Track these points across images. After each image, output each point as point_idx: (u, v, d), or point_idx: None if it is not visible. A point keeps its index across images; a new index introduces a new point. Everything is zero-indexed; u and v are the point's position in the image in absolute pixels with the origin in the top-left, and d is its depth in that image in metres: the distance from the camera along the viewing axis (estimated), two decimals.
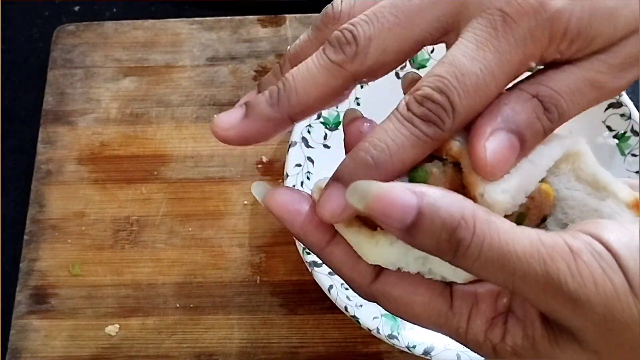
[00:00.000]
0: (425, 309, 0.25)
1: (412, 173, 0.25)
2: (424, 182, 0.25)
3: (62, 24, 0.64)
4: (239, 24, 0.63)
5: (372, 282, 0.26)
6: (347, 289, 0.50)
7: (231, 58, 0.62)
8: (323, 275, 0.50)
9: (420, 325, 0.26)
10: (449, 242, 0.22)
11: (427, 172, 0.25)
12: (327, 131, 0.55)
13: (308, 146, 0.54)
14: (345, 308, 0.49)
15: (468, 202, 0.22)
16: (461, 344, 0.26)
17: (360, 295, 0.27)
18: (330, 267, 0.27)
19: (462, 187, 0.25)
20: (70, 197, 0.58)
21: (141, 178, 0.58)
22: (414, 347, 0.49)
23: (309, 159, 0.53)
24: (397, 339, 0.49)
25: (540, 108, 0.24)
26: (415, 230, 0.22)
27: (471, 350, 0.26)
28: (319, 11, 0.66)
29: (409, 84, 0.28)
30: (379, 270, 0.26)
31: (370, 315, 0.49)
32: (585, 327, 0.22)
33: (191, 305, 0.55)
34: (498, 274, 0.22)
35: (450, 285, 0.25)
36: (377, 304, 0.26)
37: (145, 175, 0.58)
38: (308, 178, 0.53)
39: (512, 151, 0.24)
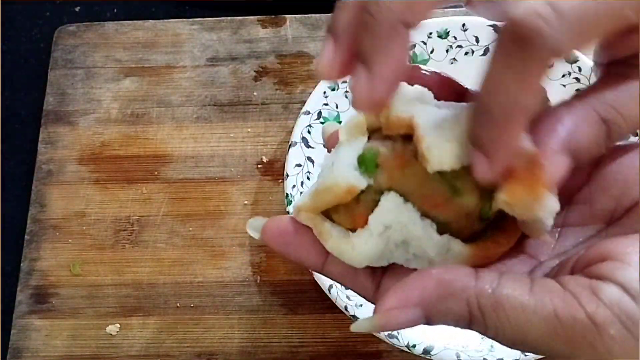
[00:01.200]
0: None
1: (360, 155, 0.24)
2: (373, 162, 0.24)
3: (63, 25, 0.64)
4: (240, 24, 0.63)
5: (374, 292, 0.26)
6: (347, 288, 0.50)
7: (231, 58, 0.62)
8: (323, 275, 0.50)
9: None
10: (469, 328, 0.22)
11: (374, 152, 0.24)
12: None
13: (308, 146, 0.54)
14: (345, 308, 0.49)
15: (469, 286, 0.21)
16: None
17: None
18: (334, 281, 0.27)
19: (414, 158, 0.23)
20: (71, 197, 0.58)
21: (142, 178, 0.58)
22: (414, 346, 0.49)
23: (309, 159, 0.53)
24: (396, 338, 0.49)
25: (604, 133, 0.23)
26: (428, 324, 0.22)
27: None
28: (319, 11, 0.66)
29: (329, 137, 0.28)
30: (378, 279, 0.26)
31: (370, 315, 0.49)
32: None
33: (192, 305, 0.55)
34: (523, 350, 0.22)
35: None
36: None
37: (145, 175, 0.58)
38: (308, 178, 0.53)
39: (567, 173, 0.22)
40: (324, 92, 0.55)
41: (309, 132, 0.54)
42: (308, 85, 0.60)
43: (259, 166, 0.58)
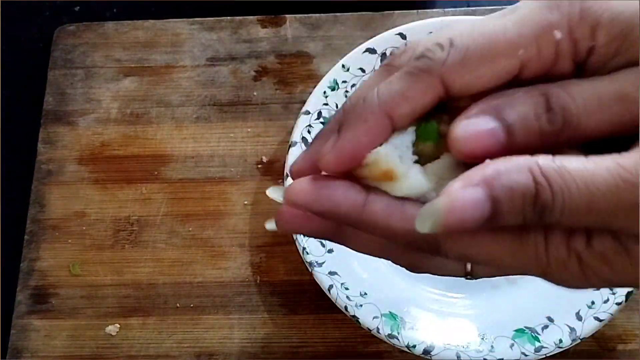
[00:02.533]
0: (495, 238, 0.22)
1: (419, 129, 0.23)
2: (434, 136, 0.23)
3: (62, 24, 0.64)
4: (239, 24, 0.63)
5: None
6: (347, 288, 0.50)
7: (231, 58, 0.62)
8: (323, 275, 0.50)
9: (493, 265, 0.23)
10: (533, 212, 0.20)
11: (433, 127, 0.23)
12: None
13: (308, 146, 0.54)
14: (345, 308, 0.49)
15: (530, 161, 0.20)
16: (541, 275, 0.23)
17: (418, 248, 0.24)
18: (373, 231, 0.23)
19: None
20: (70, 197, 0.58)
21: (141, 178, 0.58)
22: (414, 346, 0.49)
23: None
24: (397, 338, 0.49)
25: (542, 106, 0.22)
26: (498, 217, 0.20)
27: (552, 280, 0.23)
28: (319, 11, 0.66)
29: None
30: None
31: (370, 315, 0.49)
32: None
33: (191, 305, 0.55)
34: (590, 217, 0.20)
35: None
36: (440, 250, 0.23)
37: (145, 175, 0.58)
38: None
39: (491, 139, 0.21)
40: (324, 92, 0.55)
41: (309, 132, 0.54)
42: (308, 85, 0.60)
43: (259, 166, 0.58)
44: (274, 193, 0.26)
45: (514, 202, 0.20)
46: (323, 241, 0.51)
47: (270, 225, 0.26)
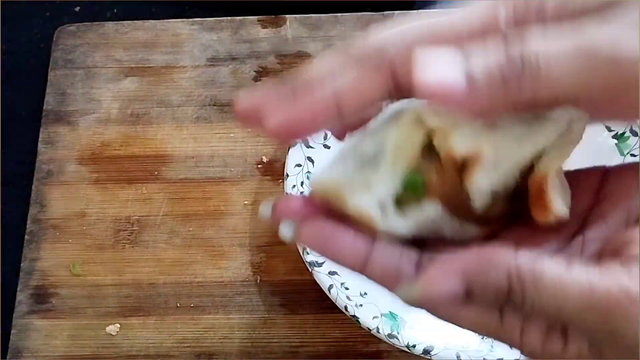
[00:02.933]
0: (475, 321, 0.24)
1: (406, 178, 0.24)
2: (419, 188, 0.24)
3: (63, 25, 0.64)
4: (240, 24, 0.63)
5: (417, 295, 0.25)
6: (347, 288, 0.50)
7: (231, 58, 0.62)
8: (323, 275, 0.50)
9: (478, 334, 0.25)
10: (506, 305, 0.22)
11: (420, 180, 0.24)
12: (327, 131, 0.55)
13: (308, 146, 0.54)
14: (345, 308, 0.49)
15: (510, 262, 0.22)
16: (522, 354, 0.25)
17: None
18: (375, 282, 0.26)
19: (460, 186, 0.24)
20: (71, 197, 0.58)
21: (142, 178, 0.58)
22: (414, 346, 0.49)
23: (309, 159, 0.53)
24: (397, 338, 0.49)
25: (507, 57, 0.21)
26: (470, 302, 0.22)
27: None
28: (319, 11, 0.66)
29: None
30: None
31: (370, 315, 0.50)
32: None
33: (192, 305, 0.55)
34: (558, 322, 0.22)
35: None
36: (427, 311, 0.25)
37: (146, 175, 0.58)
38: (308, 178, 0.53)
39: (453, 87, 0.21)
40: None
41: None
42: None
43: (259, 166, 0.58)
44: (284, 230, 0.26)
45: (487, 297, 0.22)
46: None
47: (265, 209, 0.27)
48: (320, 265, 0.50)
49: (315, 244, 0.25)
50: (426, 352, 0.49)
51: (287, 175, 0.53)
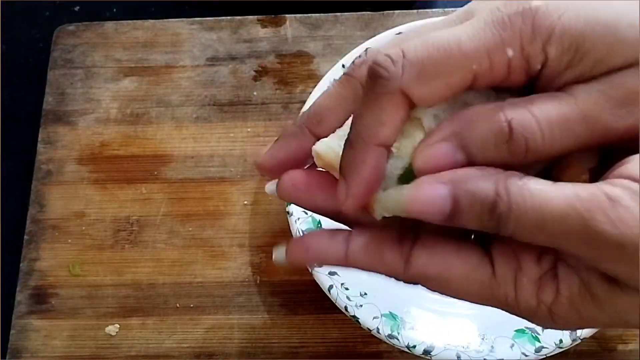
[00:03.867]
0: (467, 283, 0.24)
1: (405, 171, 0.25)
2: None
3: (62, 24, 0.64)
4: (239, 24, 0.63)
5: (405, 269, 0.25)
6: (347, 289, 0.50)
7: (231, 58, 0.62)
8: (323, 275, 0.50)
9: (469, 301, 0.25)
10: (490, 220, 0.22)
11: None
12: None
13: None
14: (345, 308, 0.49)
15: (499, 174, 0.22)
16: (515, 314, 0.24)
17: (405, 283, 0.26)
18: (364, 270, 0.26)
19: None
20: (70, 197, 0.58)
21: (141, 178, 0.58)
22: (414, 347, 0.49)
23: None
24: (397, 338, 0.49)
25: (503, 136, 0.22)
26: (456, 216, 0.22)
27: (528, 320, 0.24)
28: (319, 11, 0.66)
29: None
30: (407, 254, 0.25)
31: (370, 315, 0.49)
32: (633, 272, 0.21)
33: (191, 305, 0.55)
34: (540, 237, 0.22)
35: (489, 252, 0.24)
36: (421, 285, 0.26)
37: (145, 175, 0.58)
38: None
39: (453, 163, 0.23)
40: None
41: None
42: (308, 85, 0.60)
43: None
44: (279, 256, 0.28)
45: (473, 207, 0.22)
46: None
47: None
48: (320, 265, 0.50)
49: (300, 257, 0.26)
50: (426, 352, 0.49)
51: None
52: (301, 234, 0.50)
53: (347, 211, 0.25)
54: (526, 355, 0.48)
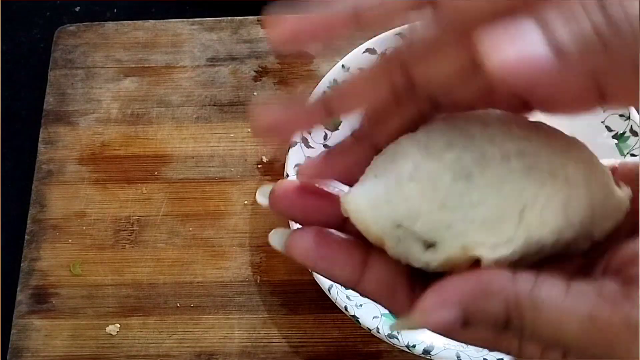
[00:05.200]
0: (472, 341, 0.23)
1: None
2: None
3: (63, 25, 0.64)
4: (240, 24, 0.63)
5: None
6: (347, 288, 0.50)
7: (231, 58, 0.62)
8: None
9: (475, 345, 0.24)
10: (504, 329, 0.21)
11: None
12: (327, 131, 0.55)
13: (308, 146, 0.54)
14: (345, 308, 0.49)
15: (507, 286, 0.21)
16: None
17: None
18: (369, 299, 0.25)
19: None
20: (71, 197, 0.58)
21: (142, 178, 0.58)
22: (414, 346, 0.49)
23: (309, 158, 0.53)
24: (396, 338, 0.49)
25: (606, 16, 0.18)
26: (468, 326, 0.21)
27: None
28: None
29: None
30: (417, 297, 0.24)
31: (370, 315, 0.50)
32: None
33: (192, 305, 0.55)
34: (559, 347, 0.21)
35: None
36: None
37: (145, 175, 0.58)
38: None
39: (538, 61, 0.17)
40: (324, 92, 0.55)
41: (309, 132, 0.54)
42: (308, 85, 0.60)
43: (259, 166, 0.58)
44: (275, 240, 0.25)
45: (485, 324, 0.21)
46: None
47: (261, 197, 0.25)
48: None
49: (306, 257, 0.24)
50: (426, 352, 0.49)
51: (287, 175, 0.53)
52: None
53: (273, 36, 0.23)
54: None
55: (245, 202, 0.57)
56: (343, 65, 0.55)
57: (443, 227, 0.21)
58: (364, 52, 0.55)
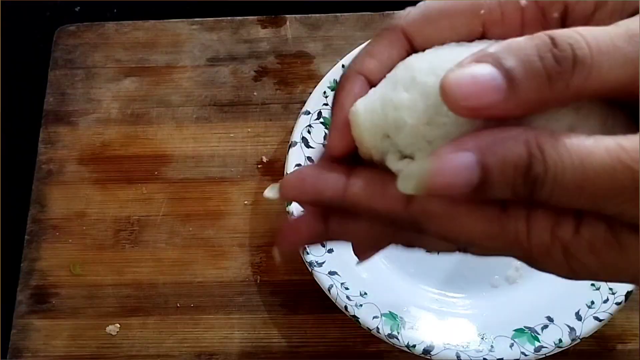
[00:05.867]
0: (474, 220, 0.20)
1: None
2: None
3: (63, 25, 0.64)
4: (239, 24, 0.63)
5: (407, 205, 0.22)
6: (347, 288, 0.50)
7: (231, 58, 0.62)
8: (323, 275, 0.50)
9: (474, 246, 0.22)
10: (524, 185, 0.19)
11: None
12: (327, 131, 0.55)
13: (308, 146, 0.54)
14: (345, 308, 0.49)
15: (527, 132, 0.19)
16: (523, 258, 0.21)
17: (402, 227, 0.22)
18: (359, 211, 0.23)
19: None
20: (71, 197, 0.58)
21: (142, 178, 0.58)
22: (414, 346, 0.49)
23: (309, 159, 0.53)
24: (396, 338, 0.49)
25: (546, 44, 0.19)
26: (486, 186, 0.19)
27: (536, 266, 0.21)
28: (319, 11, 0.66)
29: None
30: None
31: (370, 315, 0.50)
32: None
33: (192, 305, 0.55)
34: (582, 198, 0.19)
35: None
36: (421, 229, 0.22)
37: (146, 175, 0.58)
38: None
39: (490, 87, 0.19)
40: (324, 92, 0.55)
41: (309, 132, 0.54)
42: (308, 85, 0.60)
43: (259, 166, 0.58)
44: (270, 192, 0.25)
45: (505, 172, 0.19)
46: None
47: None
48: (320, 265, 0.50)
49: (295, 188, 0.23)
50: (426, 352, 0.49)
51: None
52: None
53: (331, 146, 0.23)
54: (525, 355, 0.49)
55: (245, 202, 0.57)
56: (343, 66, 0.55)
57: (424, 142, 0.21)
58: None
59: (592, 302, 0.50)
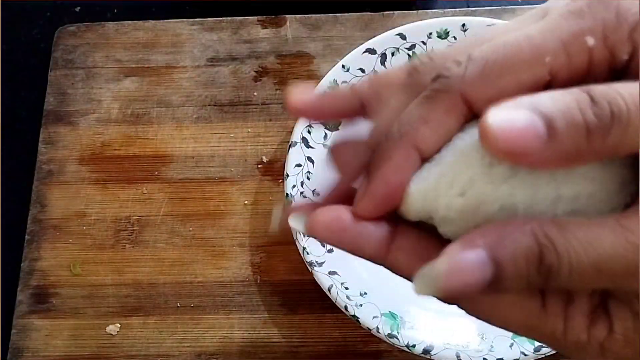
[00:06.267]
0: (514, 310, 0.21)
1: None
2: None
3: (63, 25, 0.64)
4: (240, 24, 0.63)
5: None
6: (347, 288, 0.50)
7: (232, 59, 0.62)
8: (323, 275, 0.50)
9: (507, 330, 0.22)
10: (538, 274, 0.19)
11: None
12: (327, 131, 0.55)
13: (308, 146, 0.54)
14: (345, 307, 0.50)
15: (532, 222, 0.19)
16: (557, 349, 0.22)
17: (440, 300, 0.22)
18: (397, 274, 0.23)
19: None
20: (71, 197, 0.58)
21: (142, 178, 0.58)
22: (414, 346, 0.49)
23: (309, 159, 0.54)
24: (396, 338, 0.49)
25: (585, 100, 0.19)
26: (500, 280, 0.19)
27: (571, 356, 0.22)
28: (319, 12, 0.66)
29: None
30: None
31: (370, 315, 0.50)
32: None
33: (192, 305, 0.55)
34: (597, 281, 0.19)
35: None
36: (461, 307, 0.23)
37: (146, 175, 0.59)
38: (308, 178, 0.53)
39: (530, 133, 0.18)
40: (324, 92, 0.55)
41: (309, 132, 0.54)
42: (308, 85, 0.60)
43: (259, 166, 0.58)
44: (296, 224, 0.24)
45: (518, 264, 0.19)
46: None
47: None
48: (320, 265, 0.51)
49: (329, 229, 0.22)
50: (426, 351, 0.49)
51: (287, 175, 0.53)
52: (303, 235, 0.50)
53: (361, 214, 0.22)
54: (525, 355, 0.49)
55: (245, 202, 0.57)
56: (343, 66, 0.55)
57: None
58: (364, 52, 0.56)
59: None
